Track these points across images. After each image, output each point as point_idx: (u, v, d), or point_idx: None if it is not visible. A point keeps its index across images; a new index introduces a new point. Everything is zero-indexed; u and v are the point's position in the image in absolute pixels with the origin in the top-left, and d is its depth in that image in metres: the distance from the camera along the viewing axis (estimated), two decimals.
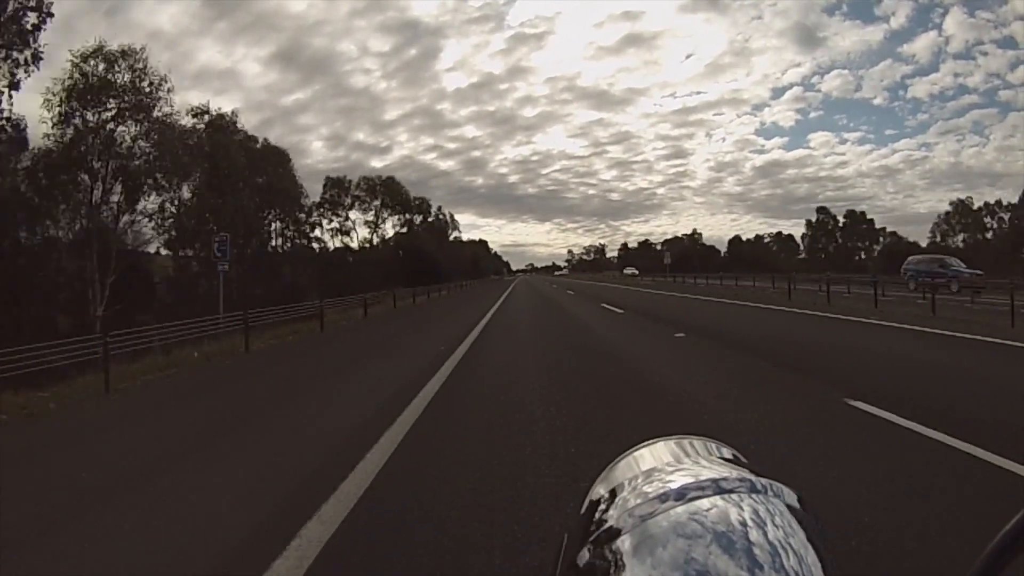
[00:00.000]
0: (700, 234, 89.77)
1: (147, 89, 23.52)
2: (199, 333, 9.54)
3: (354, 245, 44.08)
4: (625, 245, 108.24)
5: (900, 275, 20.76)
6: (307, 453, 3.67)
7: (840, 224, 64.50)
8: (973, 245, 47.07)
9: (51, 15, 20.55)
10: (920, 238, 56.47)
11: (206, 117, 30.00)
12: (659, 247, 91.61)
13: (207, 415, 5.08)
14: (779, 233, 78.08)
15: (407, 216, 50.03)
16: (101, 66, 22.64)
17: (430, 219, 59.75)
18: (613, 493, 0.35)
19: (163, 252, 29.23)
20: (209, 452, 3.80)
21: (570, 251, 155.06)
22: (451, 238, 64.92)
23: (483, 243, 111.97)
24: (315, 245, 39.75)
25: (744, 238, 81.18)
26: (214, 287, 14.35)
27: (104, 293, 21.68)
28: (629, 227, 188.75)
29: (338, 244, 43.43)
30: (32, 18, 20.21)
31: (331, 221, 43.30)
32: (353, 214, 45.09)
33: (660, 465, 0.36)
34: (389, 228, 48.76)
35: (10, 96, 20.24)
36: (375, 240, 46.57)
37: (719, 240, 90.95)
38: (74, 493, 3.10)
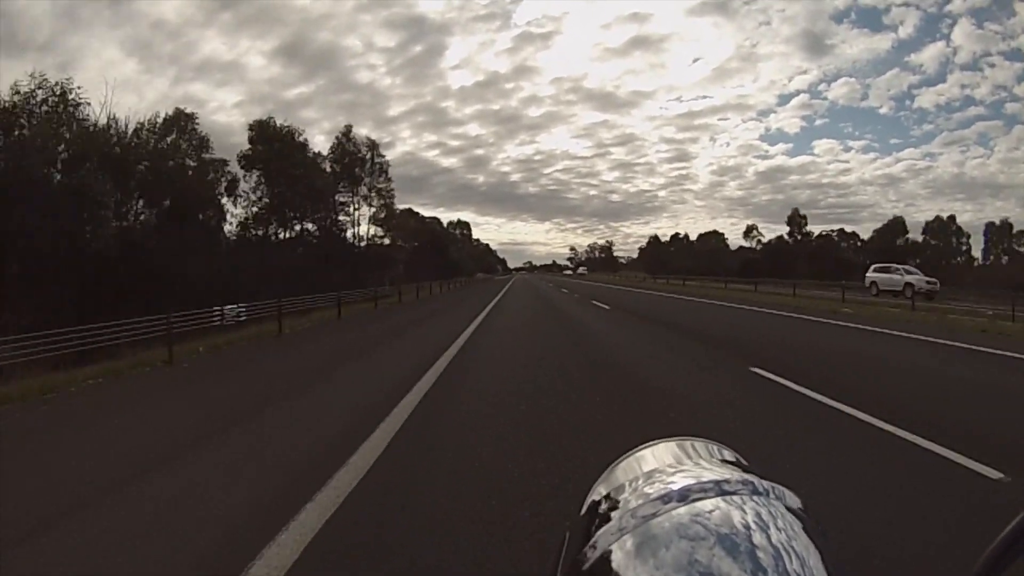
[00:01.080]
0: (755, 225, 69.83)
1: None
2: None
3: None
4: (656, 238, 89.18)
5: None
6: None
7: None
8: None
9: None
10: None
11: None
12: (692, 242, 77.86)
13: None
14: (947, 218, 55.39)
15: None
16: None
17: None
18: (614, 494, 0.35)
19: None
20: None
21: (573, 248, 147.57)
22: (379, 200, 35.68)
23: (462, 225, 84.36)
24: None
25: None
26: None
27: None
28: (628, 228, 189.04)
29: None
30: None
31: None
32: None
33: (661, 466, 0.36)
34: None
35: None
36: None
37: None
38: None
